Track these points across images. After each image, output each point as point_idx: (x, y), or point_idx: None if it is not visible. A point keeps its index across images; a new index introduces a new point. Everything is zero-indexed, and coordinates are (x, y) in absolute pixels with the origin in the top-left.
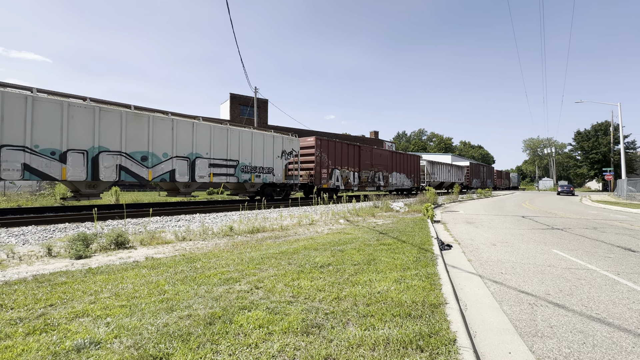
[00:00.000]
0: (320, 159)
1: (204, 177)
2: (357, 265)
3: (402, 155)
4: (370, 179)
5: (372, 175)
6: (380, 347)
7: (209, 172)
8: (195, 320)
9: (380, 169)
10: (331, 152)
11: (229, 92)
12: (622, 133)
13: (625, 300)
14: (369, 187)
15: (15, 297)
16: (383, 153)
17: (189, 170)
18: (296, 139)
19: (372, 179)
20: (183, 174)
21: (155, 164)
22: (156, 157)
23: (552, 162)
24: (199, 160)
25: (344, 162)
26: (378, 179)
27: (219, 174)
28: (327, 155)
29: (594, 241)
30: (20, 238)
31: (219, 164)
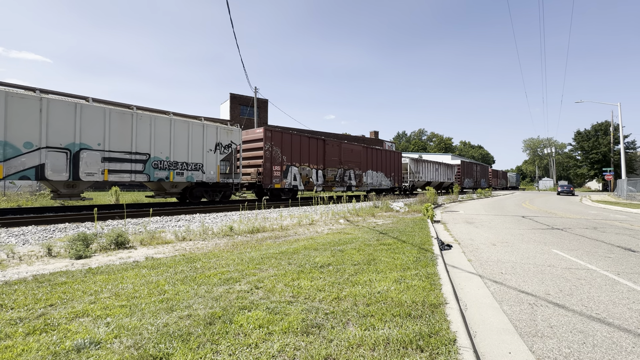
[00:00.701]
0: (271, 154)
1: (94, 175)
2: (357, 265)
3: (380, 152)
4: (338, 177)
5: (341, 174)
6: (380, 347)
7: (102, 168)
8: (195, 320)
9: (352, 167)
10: (287, 146)
11: (229, 92)
12: (622, 133)
13: (625, 300)
14: (337, 187)
15: (15, 297)
16: (355, 148)
17: (68, 166)
18: (237, 129)
19: (341, 178)
20: (59, 171)
21: (11, 156)
22: (13, 148)
23: (552, 162)
24: (85, 152)
25: (304, 158)
26: (349, 178)
27: (120, 170)
28: (280, 149)
29: (594, 241)
30: (20, 238)
31: (119, 158)
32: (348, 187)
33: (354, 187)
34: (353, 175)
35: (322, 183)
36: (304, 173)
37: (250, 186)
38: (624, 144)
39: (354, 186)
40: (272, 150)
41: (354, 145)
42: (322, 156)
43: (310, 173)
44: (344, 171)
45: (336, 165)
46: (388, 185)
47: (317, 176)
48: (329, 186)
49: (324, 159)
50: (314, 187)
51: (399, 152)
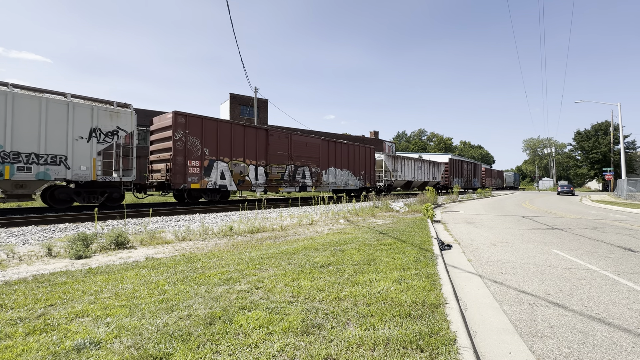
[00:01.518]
0: (184, 146)
1: None
2: (357, 265)
3: (346, 146)
4: (287, 175)
5: (292, 171)
6: (380, 347)
7: None
8: (195, 320)
9: (307, 163)
10: (210, 136)
11: (229, 92)
12: (622, 133)
13: (625, 300)
14: (286, 187)
15: (15, 297)
16: (311, 141)
17: None
18: (127, 111)
19: (290, 176)
20: None
21: None
22: None
23: (552, 162)
24: None
25: (238, 151)
26: (302, 177)
27: None
28: (200, 140)
29: (594, 241)
30: (20, 238)
31: None
32: (302, 188)
33: (309, 187)
34: (308, 173)
35: (264, 182)
36: (236, 170)
37: (160, 186)
38: (624, 144)
39: (309, 186)
40: (187, 141)
41: (309, 137)
42: (264, 150)
43: (246, 170)
44: (296, 168)
45: (284, 161)
46: (356, 185)
47: (257, 174)
48: (273, 186)
49: (266, 154)
50: (252, 187)
51: (372, 147)
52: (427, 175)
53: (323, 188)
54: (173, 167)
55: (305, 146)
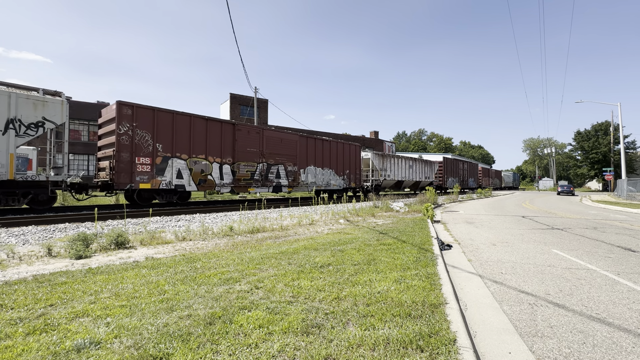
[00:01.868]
0: (131, 140)
1: None
2: (357, 265)
3: (327, 143)
4: (259, 175)
5: (264, 170)
6: (380, 347)
7: None
8: (195, 320)
9: (282, 161)
10: (164, 130)
11: (229, 92)
12: (622, 133)
13: (625, 300)
14: (257, 186)
15: (15, 297)
16: (287, 138)
17: None
18: (57, 99)
19: (262, 175)
20: None
21: None
22: None
23: (552, 162)
24: None
25: (198, 148)
26: (276, 176)
27: None
28: (151, 134)
29: (594, 241)
30: (20, 238)
31: None
32: (276, 188)
33: (285, 187)
34: (284, 172)
35: (231, 182)
36: (197, 168)
37: (105, 186)
38: (624, 144)
39: (284, 186)
40: (135, 135)
41: (285, 133)
42: (231, 146)
43: (208, 168)
44: (269, 167)
45: (255, 159)
46: (340, 185)
47: (222, 173)
48: (241, 186)
49: (233, 150)
50: (216, 188)
51: (357, 145)
52: (419, 175)
53: (301, 188)
54: (117, 165)
55: (279, 143)
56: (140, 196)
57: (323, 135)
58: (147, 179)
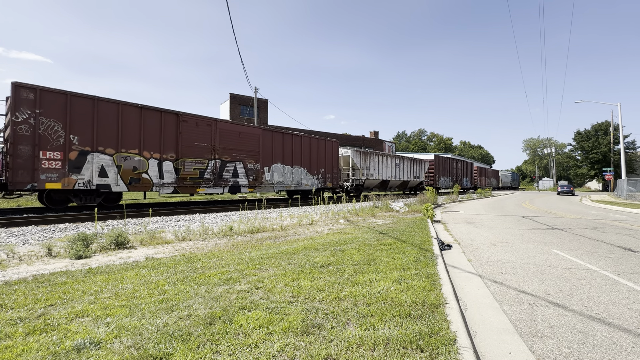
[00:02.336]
0: (33, 131)
1: None
2: (357, 265)
3: (297, 139)
4: (210, 173)
5: (216, 168)
6: (380, 347)
7: None
8: (195, 320)
9: (241, 158)
10: (82, 119)
11: (229, 92)
12: (622, 133)
13: (625, 300)
14: (208, 186)
15: (15, 297)
16: (246, 131)
17: None
18: None
19: (215, 174)
20: None
21: None
22: None
23: (552, 162)
24: None
25: (130, 141)
26: (233, 174)
27: None
28: (63, 124)
29: (594, 241)
30: (20, 238)
31: None
32: (233, 188)
33: (244, 187)
34: (242, 170)
35: (174, 182)
36: (127, 165)
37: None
38: (624, 144)
39: (244, 186)
40: (38, 124)
41: (244, 126)
42: (174, 140)
43: (143, 165)
44: (223, 164)
45: (205, 155)
46: (314, 185)
47: (161, 170)
48: (187, 186)
49: (176, 145)
50: (153, 187)
51: (334, 141)
52: (407, 174)
53: (265, 189)
54: (13, 161)
55: (237, 137)
56: (51, 198)
57: (323, 135)
58: (56, 177)
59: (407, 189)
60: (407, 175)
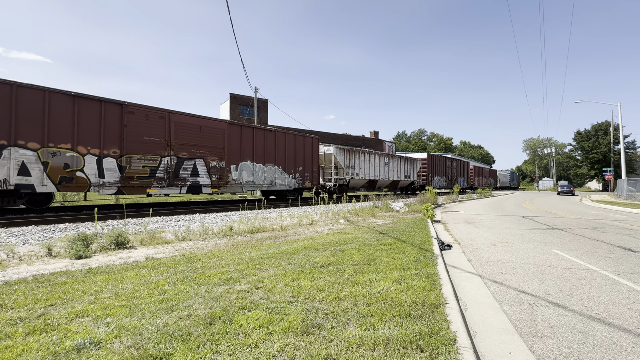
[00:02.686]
0: None
1: None
2: (357, 265)
3: (271, 134)
4: (164, 171)
5: (171, 165)
6: (380, 347)
7: None
8: (195, 320)
9: (202, 154)
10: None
11: (229, 92)
12: (622, 133)
13: (625, 300)
14: (160, 186)
15: (15, 297)
16: (208, 125)
17: None
18: None
19: (170, 172)
20: None
21: None
22: None
23: (552, 162)
24: None
25: (61, 134)
26: (192, 173)
27: None
28: None
29: (594, 241)
30: (20, 238)
31: None
32: (192, 188)
33: (206, 187)
34: (204, 168)
35: (117, 181)
36: (57, 162)
37: None
38: (624, 144)
39: (206, 186)
40: None
41: (206, 120)
42: (118, 133)
43: (77, 162)
44: (180, 161)
45: (156, 151)
46: (289, 184)
47: (101, 168)
48: (136, 186)
49: (121, 139)
50: (91, 187)
51: (314, 137)
52: (397, 174)
53: (232, 189)
54: None
55: (198, 132)
56: None
57: (322, 135)
58: None
59: (397, 189)
60: (398, 175)
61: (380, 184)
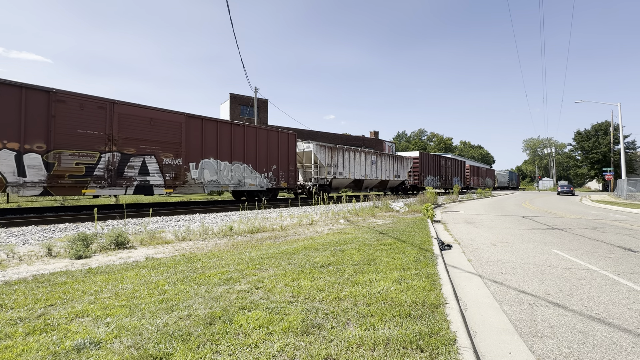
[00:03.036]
0: None
1: None
2: (357, 265)
3: (239, 129)
4: (104, 169)
5: (113, 162)
6: (380, 347)
7: None
8: (195, 320)
9: (154, 151)
10: None
11: (229, 92)
12: (622, 133)
13: (625, 300)
14: (100, 186)
15: (15, 297)
16: (162, 117)
17: None
18: None
19: (112, 170)
20: None
21: None
22: None
23: (552, 162)
24: None
25: None
26: (141, 172)
27: None
28: None
29: (594, 241)
30: (20, 238)
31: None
32: (141, 188)
33: (158, 187)
34: (156, 166)
35: (44, 180)
36: None
37: None
38: (624, 144)
39: (158, 186)
40: None
41: (157, 112)
42: (45, 125)
43: None
44: (125, 158)
45: (96, 146)
46: (261, 184)
47: (21, 165)
48: (67, 186)
49: (47, 132)
50: (8, 187)
51: (291, 133)
52: (386, 173)
53: (192, 189)
54: None
55: (148, 125)
56: None
57: (323, 135)
58: None
59: (387, 189)
60: (387, 174)
61: (367, 184)
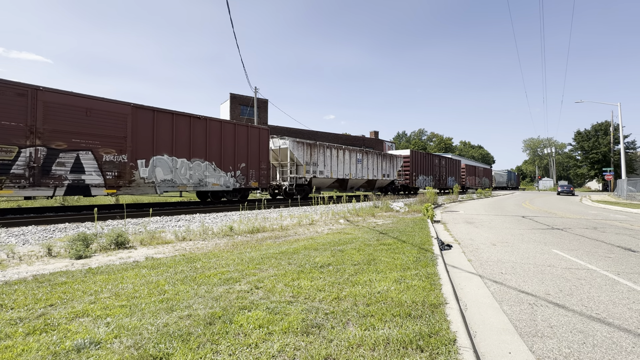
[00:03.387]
0: None
1: None
2: (357, 265)
3: (202, 123)
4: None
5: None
6: (380, 347)
7: None
8: (195, 320)
9: (91, 145)
10: None
11: (229, 92)
12: (622, 133)
13: (625, 300)
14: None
15: (15, 297)
16: (100, 107)
17: None
18: None
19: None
20: None
21: None
22: None
23: (552, 162)
24: None
25: None
26: (74, 169)
27: None
28: None
29: (594, 241)
30: (20, 238)
31: None
32: (74, 189)
33: (97, 187)
34: (93, 163)
35: None
36: None
37: None
38: (624, 144)
39: (97, 186)
40: None
41: (95, 101)
42: None
43: None
44: (53, 154)
45: (13, 140)
46: (228, 184)
47: None
48: None
49: None
50: None
51: (264, 128)
52: (373, 172)
53: (140, 189)
54: None
55: (84, 116)
56: None
57: (323, 135)
58: None
59: (375, 189)
60: (374, 174)
61: (352, 183)
